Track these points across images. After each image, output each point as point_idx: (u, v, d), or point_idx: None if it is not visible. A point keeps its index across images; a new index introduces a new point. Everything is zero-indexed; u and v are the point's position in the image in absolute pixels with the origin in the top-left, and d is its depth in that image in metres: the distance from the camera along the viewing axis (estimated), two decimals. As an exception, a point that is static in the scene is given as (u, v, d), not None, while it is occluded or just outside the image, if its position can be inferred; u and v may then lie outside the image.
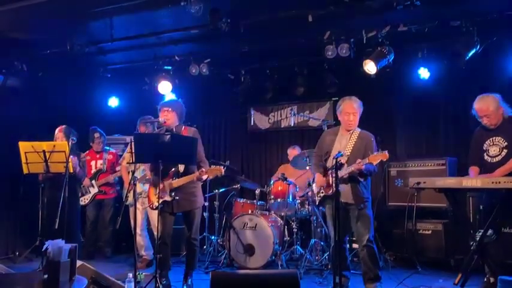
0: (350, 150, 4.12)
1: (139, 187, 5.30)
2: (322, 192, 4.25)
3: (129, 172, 5.44)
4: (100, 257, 6.01)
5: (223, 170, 4.03)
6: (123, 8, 4.95)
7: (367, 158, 3.86)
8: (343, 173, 4.02)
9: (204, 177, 4.08)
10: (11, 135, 5.74)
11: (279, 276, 2.83)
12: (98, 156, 6.26)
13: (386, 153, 3.81)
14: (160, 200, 4.01)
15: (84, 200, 6.10)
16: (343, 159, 4.01)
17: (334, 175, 3.78)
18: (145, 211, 5.47)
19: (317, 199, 4.36)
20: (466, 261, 3.93)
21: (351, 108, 4.16)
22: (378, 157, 3.82)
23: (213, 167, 4.06)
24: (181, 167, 4.18)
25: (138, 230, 5.43)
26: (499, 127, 4.10)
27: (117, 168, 6.22)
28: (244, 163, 7.44)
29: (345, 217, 4.12)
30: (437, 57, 5.70)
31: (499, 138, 4.08)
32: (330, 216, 4.21)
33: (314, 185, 4.45)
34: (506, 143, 4.02)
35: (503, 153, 4.01)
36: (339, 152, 3.92)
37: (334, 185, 3.87)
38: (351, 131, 4.22)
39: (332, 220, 4.13)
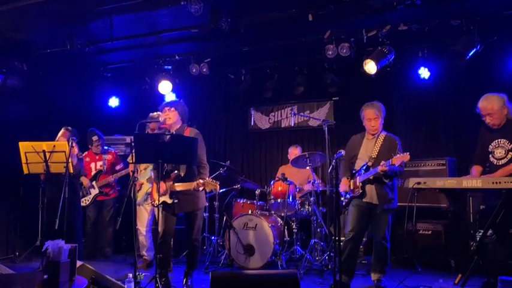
0: (376, 154, 4.28)
1: (149, 186, 5.27)
2: (349, 194, 4.41)
3: (136, 171, 5.39)
4: (100, 257, 6.01)
5: (218, 188, 4.07)
6: (123, 7, 4.96)
7: (390, 159, 4.01)
8: (368, 175, 4.19)
9: (201, 188, 4.09)
10: (11, 135, 5.73)
11: (279, 277, 2.83)
12: (97, 157, 6.24)
13: (407, 154, 3.98)
14: (161, 200, 4.00)
15: (84, 201, 6.07)
16: (369, 162, 4.23)
17: (334, 175, 3.91)
18: (152, 211, 5.45)
19: (344, 200, 4.51)
20: (466, 261, 3.93)
21: (370, 115, 4.36)
22: (399, 159, 3.98)
23: (209, 180, 4.05)
24: (182, 171, 4.17)
25: (142, 230, 5.43)
26: (502, 128, 4.04)
27: (117, 168, 6.21)
28: (245, 163, 7.43)
29: (367, 216, 4.32)
30: (438, 56, 5.71)
31: (504, 140, 4.03)
32: (351, 214, 4.36)
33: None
34: (511, 146, 3.99)
35: (509, 156, 3.98)
36: (339, 152, 4.06)
37: (359, 186, 4.22)
38: (376, 135, 4.39)
39: (353, 218, 4.31)
